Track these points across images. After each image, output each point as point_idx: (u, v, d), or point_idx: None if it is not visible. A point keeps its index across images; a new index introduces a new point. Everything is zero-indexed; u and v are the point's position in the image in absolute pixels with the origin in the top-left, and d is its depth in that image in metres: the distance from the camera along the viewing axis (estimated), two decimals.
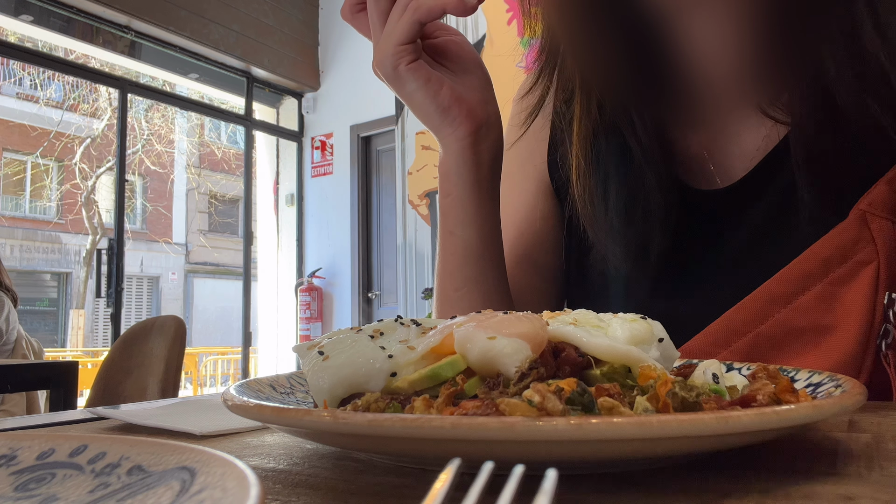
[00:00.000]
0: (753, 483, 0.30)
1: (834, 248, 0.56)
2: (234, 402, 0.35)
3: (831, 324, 0.56)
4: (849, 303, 0.55)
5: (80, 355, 10.01)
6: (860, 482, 0.29)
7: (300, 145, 6.26)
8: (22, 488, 0.30)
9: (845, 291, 0.56)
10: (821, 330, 0.56)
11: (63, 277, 13.66)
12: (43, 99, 13.05)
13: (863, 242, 0.56)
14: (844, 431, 0.40)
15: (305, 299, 5.92)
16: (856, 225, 0.56)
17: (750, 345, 0.58)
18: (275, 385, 0.46)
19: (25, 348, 2.96)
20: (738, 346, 0.58)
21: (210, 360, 10.26)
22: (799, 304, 0.56)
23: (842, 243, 0.56)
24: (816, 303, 0.56)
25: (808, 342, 0.56)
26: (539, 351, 0.37)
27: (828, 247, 0.57)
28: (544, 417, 0.28)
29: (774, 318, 0.57)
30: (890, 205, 0.56)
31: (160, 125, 14.28)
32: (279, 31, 5.82)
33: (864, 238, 0.56)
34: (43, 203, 13.64)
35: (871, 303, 0.55)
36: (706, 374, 0.41)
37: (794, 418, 0.30)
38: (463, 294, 0.71)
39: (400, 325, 0.44)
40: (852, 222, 0.56)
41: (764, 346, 0.57)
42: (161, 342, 2.16)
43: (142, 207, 14.58)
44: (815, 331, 0.56)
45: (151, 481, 0.27)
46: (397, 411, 0.35)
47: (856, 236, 0.56)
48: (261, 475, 0.34)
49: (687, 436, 0.27)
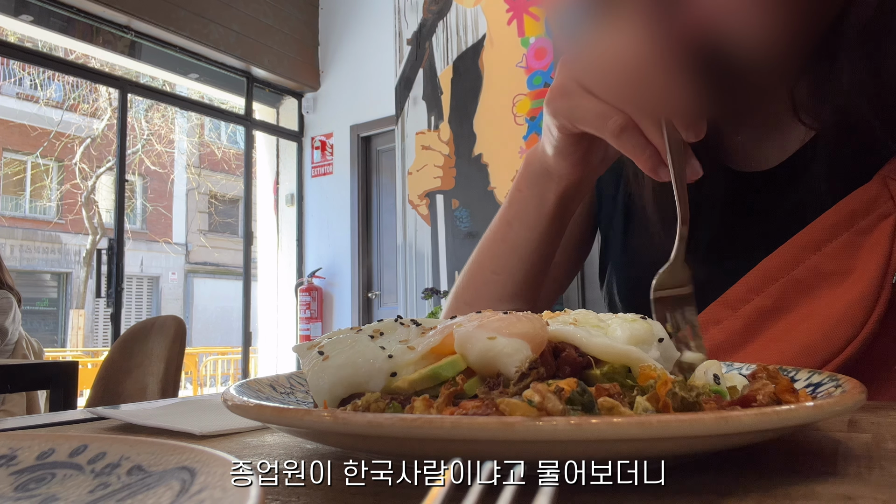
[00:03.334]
0: (753, 483, 0.30)
1: (858, 203, 0.63)
2: (234, 402, 0.35)
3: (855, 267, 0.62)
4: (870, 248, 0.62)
5: (80, 355, 10.00)
6: (860, 482, 0.29)
7: (300, 145, 6.26)
8: (22, 488, 0.30)
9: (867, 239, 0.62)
10: (846, 273, 0.63)
11: (63, 277, 13.65)
12: (43, 99, 13.04)
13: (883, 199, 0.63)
14: (844, 431, 0.40)
15: (305, 299, 5.91)
16: (877, 185, 0.64)
17: (781, 290, 0.64)
18: (275, 385, 0.46)
19: (25, 348, 2.96)
20: (771, 292, 0.64)
21: (210, 360, 10.25)
22: (827, 250, 0.63)
23: (865, 199, 0.63)
24: (843, 249, 0.63)
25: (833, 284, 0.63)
26: (539, 351, 0.37)
27: (853, 202, 0.64)
28: (544, 417, 0.28)
29: (805, 263, 0.64)
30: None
31: (160, 125, 14.26)
32: (279, 31, 5.82)
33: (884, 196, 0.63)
34: (43, 203, 13.63)
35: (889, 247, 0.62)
36: (707, 374, 0.40)
37: (794, 418, 0.30)
38: (498, 279, 0.75)
39: (400, 325, 0.44)
40: (875, 183, 0.64)
41: (792, 290, 0.63)
42: (161, 342, 2.16)
43: (142, 207, 14.56)
44: (841, 273, 0.63)
45: (151, 481, 0.27)
46: (397, 411, 0.35)
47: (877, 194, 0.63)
48: (261, 475, 0.34)
49: (687, 436, 0.27)
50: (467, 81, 4.42)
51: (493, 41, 4.34)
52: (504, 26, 4.30)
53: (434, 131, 4.57)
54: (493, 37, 4.34)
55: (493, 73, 4.31)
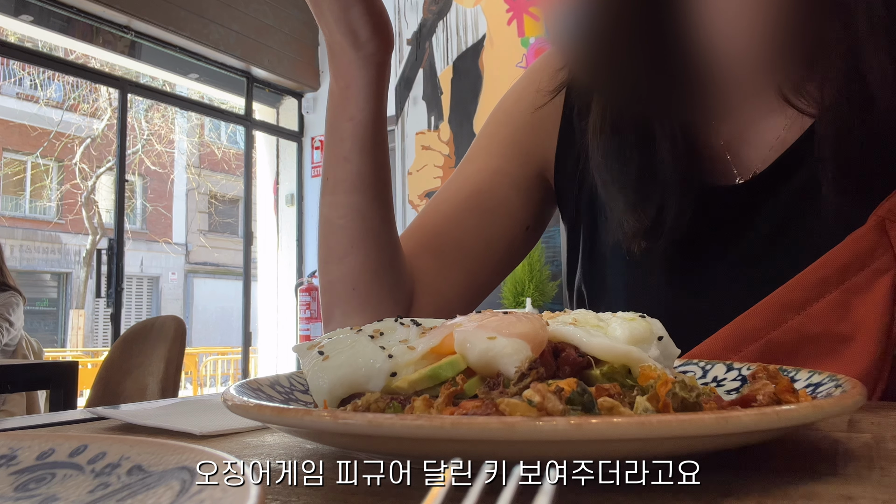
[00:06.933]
0: (753, 483, 0.30)
1: (851, 256, 0.55)
2: (234, 402, 0.35)
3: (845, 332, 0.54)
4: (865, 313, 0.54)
5: (80, 355, 10.00)
6: (860, 482, 0.29)
7: (300, 145, 6.26)
8: (22, 488, 0.30)
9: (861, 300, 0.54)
10: (834, 338, 0.55)
11: (63, 277, 13.65)
12: (43, 99, 13.04)
13: (881, 250, 0.54)
14: (844, 431, 0.40)
15: (305, 299, 5.91)
16: (874, 232, 0.55)
17: (761, 350, 0.56)
18: (275, 385, 0.46)
19: (25, 348, 2.97)
20: (750, 352, 0.57)
21: (210, 360, 10.25)
22: (812, 311, 0.55)
23: (859, 250, 0.55)
24: (831, 310, 0.55)
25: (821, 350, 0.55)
26: (539, 351, 0.37)
27: (845, 253, 0.55)
28: (544, 417, 0.28)
29: (787, 324, 0.56)
30: None
31: (160, 125, 14.26)
32: (279, 31, 5.82)
33: (883, 245, 0.54)
34: (43, 203, 13.63)
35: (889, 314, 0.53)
36: None
37: (794, 418, 0.30)
38: (346, 223, 0.70)
39: (400, 325, 0.44)
40: (870, 229, 0.55)
41: (775, 352, 0.56)
42: (161, 342, 2.16)
43: (142, 207, 14.56)
44: (829, 338, 0.55)
45: (151, 481, 0.27)
46: (397, 411, 0.35)
47: (874, 244, 0.54)
48: (261, 475, 0.34)
49: (687, 436, 0.27)
50: (467, 81, 4.42)
51: (493, 41, 4.34)
52: (504, 26, 4.30)
53: (434, 131, 4.57)
54: (493, 37, 4.35)
55: (493, 73, 4.31)
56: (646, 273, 0.70)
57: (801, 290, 0.56)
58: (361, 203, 0.69)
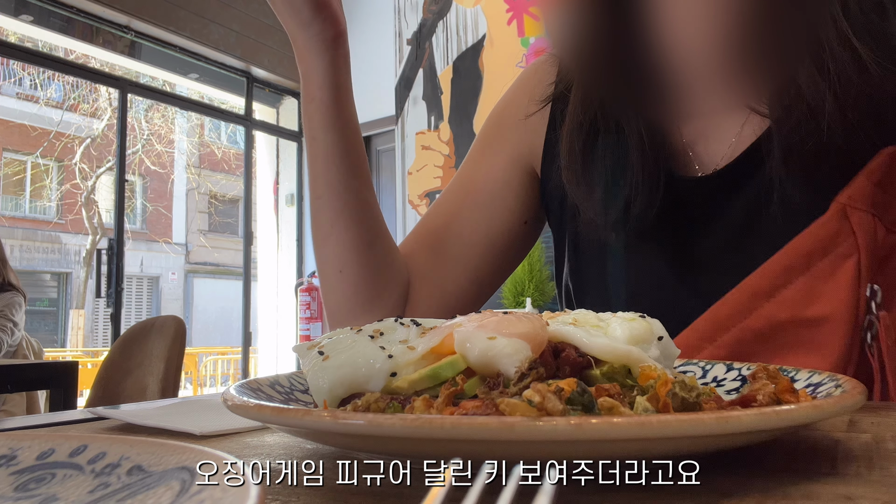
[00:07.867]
0: (753, 483, 0.30)
1: (815, 242, 0.57)
2: (234, 402, 0.35)
3: (815, 317, 0.57)
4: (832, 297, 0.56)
5: (80, 355, 10.00)
6: (860, 482, 0.29)
7: (300, 145, 6.26)
8: (22, 488, 0.30)
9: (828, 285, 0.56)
10: (804, 323, 0.57)
11: (63, 277, 13.64)
12: (43, 99, 13.03)
13: (843, 236, 0.56)
14: (844, 431, 0.40)
15: (305, 299, 5.91)
16: (836, 219, 0.57)
17: (735, 339, 0.58)
18: (275, 385, 0.46)
19: (26, 348, 2.97)
20: (724, 341, 0.58)
21: (210, 360, 10.25)
22: (782, 297, 0.57)
23: (823, 237, 0.57)
24: (800, 296, 0.57)
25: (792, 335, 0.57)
26: (539, 351, 0.37)
27: (809, 241, 0.57)
28: (544, 417, 0.28)
29: (758, 311, 0.58)
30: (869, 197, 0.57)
31: (160, 125, 14.26)
32: (279, 31, 5.80)
33: (845, 231, 0.56)
34: (43, 203, 13.63)
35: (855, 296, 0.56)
36: None
37: (794, 418, 0.30)
38: (324, 202, 0.73)
39: (400, 325, 0.44)
40: (832, 216, 0.57)
41: (749, 340, 0.58)
42: (161, 342, 2.16)
43: (142, 207, 14.56)
44: (799, 324, 0.57)
45: (151, 481, 0.27)
46: (397, 411, 0.35)
47: (836, 230, 0.57)
48: (261, 475, 0.34)
49: (687, 436, 0.27)
50: (467, 81, 4.42)
51: (493, 41, 4.34)
52: (504, 26, 4.30)
53: (434, 131, 4.57)
54: (493, 37, 4.34)
55: (493, 73, 4.31)
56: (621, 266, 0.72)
57: (769, 277, 0.58)
58: (335, 179, 0.73)
